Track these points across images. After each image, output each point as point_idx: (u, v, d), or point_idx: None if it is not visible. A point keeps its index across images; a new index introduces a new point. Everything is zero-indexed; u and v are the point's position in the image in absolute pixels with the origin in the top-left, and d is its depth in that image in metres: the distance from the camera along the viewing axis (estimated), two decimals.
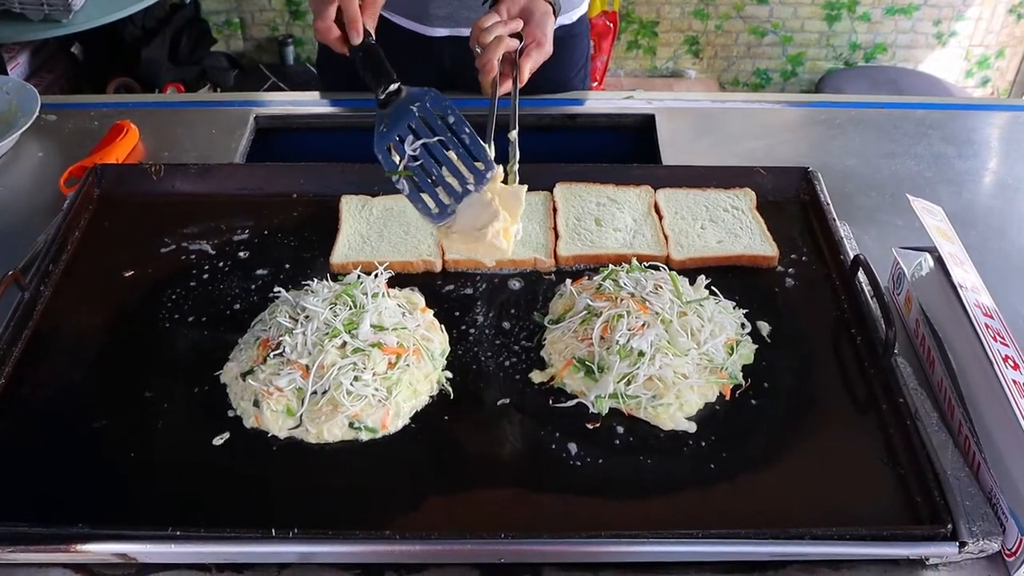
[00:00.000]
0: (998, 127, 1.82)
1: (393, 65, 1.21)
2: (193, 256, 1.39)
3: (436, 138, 1.18)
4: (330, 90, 1.86)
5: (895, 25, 4.21)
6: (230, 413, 1.16)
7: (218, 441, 1.13)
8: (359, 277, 1.26)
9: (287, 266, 1.38)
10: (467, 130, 1.17)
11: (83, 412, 1.16)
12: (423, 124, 1.19)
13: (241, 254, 1.40)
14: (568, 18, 1.83)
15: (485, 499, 1.07)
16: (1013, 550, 1.02)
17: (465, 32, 1.73)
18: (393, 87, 1.21)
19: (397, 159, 1.19)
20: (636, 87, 4.29)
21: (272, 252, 1.41)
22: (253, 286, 1.35)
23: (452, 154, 1.18)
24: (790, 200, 1.51)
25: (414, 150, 1.19)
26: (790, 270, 1.39)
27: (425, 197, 1.18)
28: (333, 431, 1.12)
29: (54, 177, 1.57)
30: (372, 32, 1.27)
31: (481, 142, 1.18)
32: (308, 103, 1.82)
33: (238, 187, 1.51)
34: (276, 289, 1.27)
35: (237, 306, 1.32)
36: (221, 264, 1.38)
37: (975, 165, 1.68)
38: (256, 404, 1.14)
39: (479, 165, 1.17)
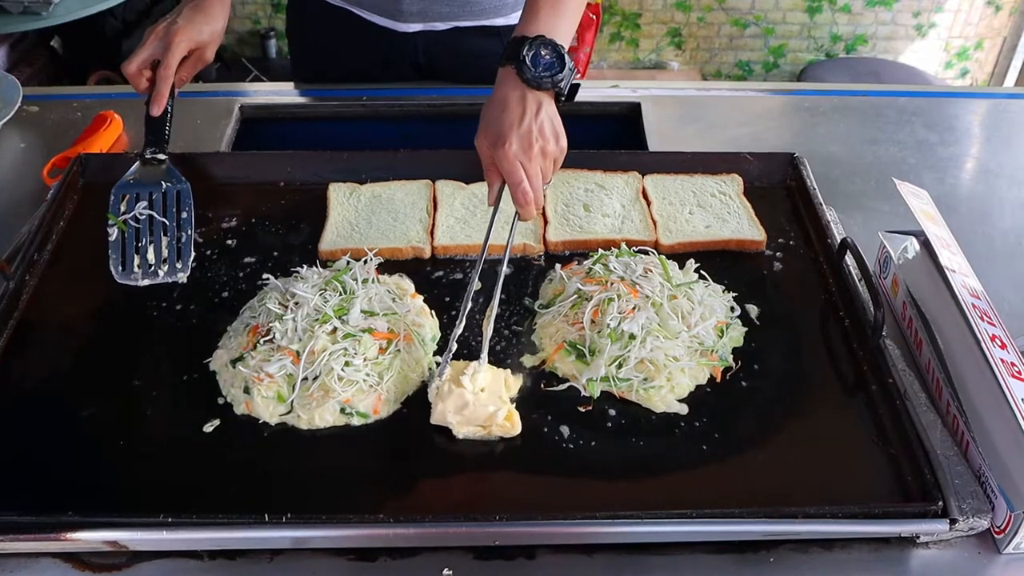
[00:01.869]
0: (979, 114, 1.83)
1: (367, 63, 1.23)
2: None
3: (163, 220, 1.36)
4: (303, 79, 1.86)
5: (875, 17, 4.23)
6: (220, 400, 1.16)
7: (208, 428, 1.12)
8: (348, 263, 1.26)
9: (275, 253, 1.38)
10: (189, 232, 1.36)
11: (71, 400, 1.15)
12: (161, 200, 1.37)
13: (229, 242, 1.39)
14: None
15: (478, 482, 1.07)
16: (1002, 527, 1.02)
17: (439, 26, 1.74)
18: (160, 156, 1.41)
19: (123, 208, 1.37)
20: (619, 79, 4.29)
21: (260, 240, 1.40)
22: (241, 273, 1.34)
23: (164, 240, 1.34)
24: (777, 186, 1.52)
25: (141, 213, 1.36)
26: (778, 254, 1.40)
27: (122, 254, 1.33)
28: (324, 417, 1.12)
29: (37, 168, 1.55)
30: (176, 93, 1.42)
31: (192, 251, 1.34)
32: (293, 93, 1.81)
33: (225, 176, 1.50)
34: (265, 276, 1.26)
35: (226, 293, 1.31)
36: (209, 252, 1.38)
37: (957, 152, 1.69)
38: (246, 391, 1.13)
39: (178, 264, 1.32)
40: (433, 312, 1.28)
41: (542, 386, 1.19)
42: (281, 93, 1.80)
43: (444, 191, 1.51)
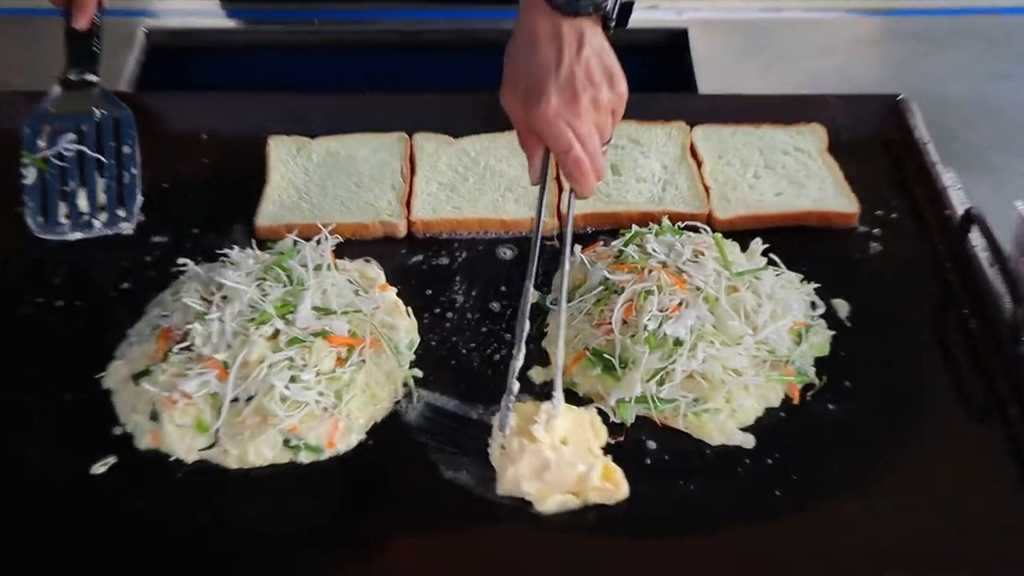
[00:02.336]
0: None
1: None
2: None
3: (97, 156, 1.35)
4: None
5: None
6: (116, 430, 1.15)
7: (99, 469, 1.11)
8: (295, 244, 1.25)
9: (195, 230, 1.37)
10: (133, 172, 1.35)
11: None
12: (95, 133, 1.37)
13: None
14: None
15: (471, 543, 1.06)
16: None
17: None
18: (90, 77, 1.40)
19: (43, 144, 1.35)
20: None
21: (175, 212, 1.40)
22: (148, 257, 1.34)
23: (101, 182, 1.35)
24: (873, 139, 1.51)
25: (67, 149, 1.35)
26: (875, 231, 1.39)
27: (42, 201, 1.34)
28: (262, 452, 1.12)
29: None
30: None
31: (138, 193, 1.35)
32: (218, 13, 1.81)
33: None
34: (181, 261, 1.26)
35: (126, 284, 1.31)
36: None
37: None
38: (154, 417, 1.13)
39: (119, 212, 1.34)
40: (410, 310, 1.27)
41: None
42: (202, 14, 1.80)
43: (425, 148, 1.50)
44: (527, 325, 1.13)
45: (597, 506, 1.08)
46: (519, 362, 1.11)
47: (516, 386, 1.11)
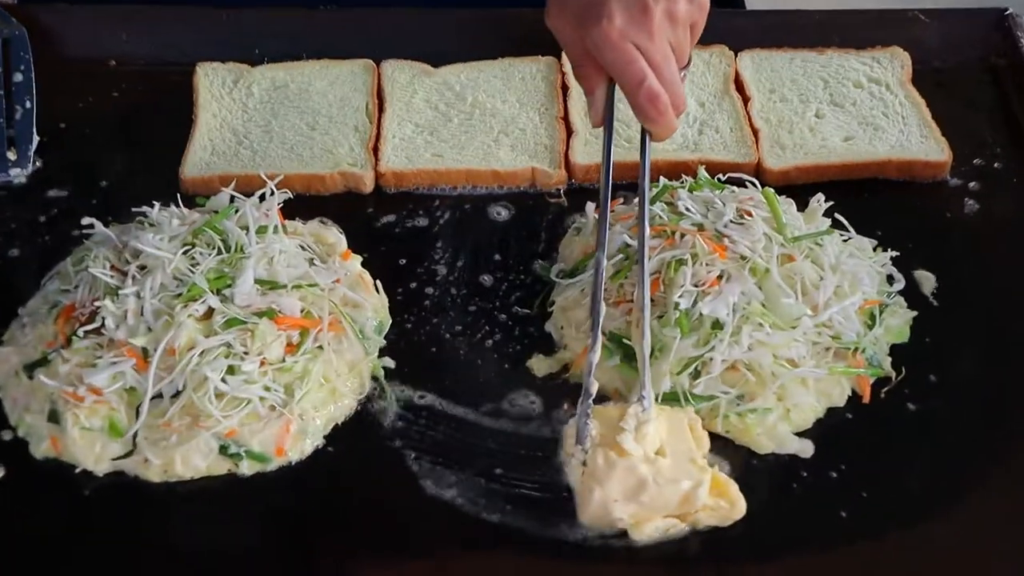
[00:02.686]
0: None
1: None
2: None
3: None
4: None
5: None
6: (5, 435, 1.15)
7: None
8: (232, 201, 1.25)
9: (103, 183, 1.38)
10: (28, 105, 1.37)
11: None
12: None
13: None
14: None
15: (453, 571, 1.07)
16: None
17: None
18: None
19: None
20: None
21: (76, 159, 1.40)
22: (43, 217, 1.34)
23: None
24: (971, 66, 1.52)
25: None
26: (972, 185, 1.39)
27: None
28: (192, 461, 1.11)
29: None
30: None
31: (34, 132, 1.37)
32: None
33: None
34: (86, 221, 1.25)
35: (15, 251, 1.31)
36: None
37: None
38: (53, 418, 1.13)
39: (10, 155, 1.36)
40: (379, 284, 1.27)
41: (565, 408, 1.18)
42: None
43: (396, 79, 1.51)
44: (603, 307, 1.14)
45: (619, 536, 1.08)
46: (596, 355, 1.12)
47: (595, 387, 1.11)
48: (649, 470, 1.07)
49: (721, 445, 1.15)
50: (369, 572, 1.07)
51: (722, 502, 1.08)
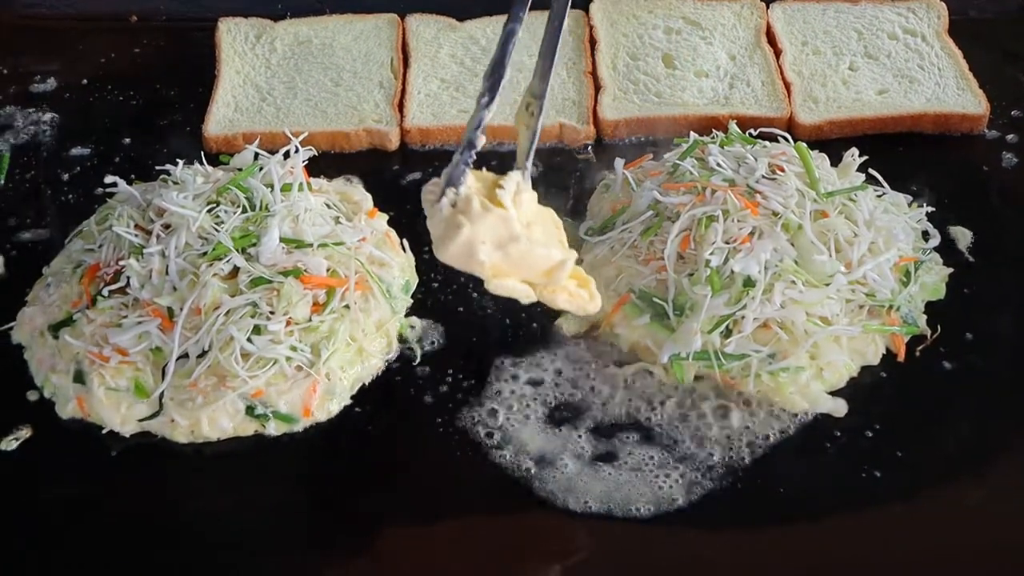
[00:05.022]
0: None
1: None
2: None
3: None
4: None
5: None
6: (31, 395, 1.16)
7: (9, 444, 1.12)
8: (257, 159, 1.24)
9: (126, 140, 1.38)
10: None
11: None
12: None
13: (42, 118, 1.40)
14: None
15: (481, 533, 1.07)
16: None
17: None
18: None
19: None
20: None
21: (99, 116, 1.41)
22: (67, 175, 1.34)
23: None
24: (1010, 17, 1.53)
25: None
26: (1010, 138, 1.38)
27: None
28: (218, 422, 1.12)
29: None
30: None
31: None
32: None
33: (34, 1, 1.52)
34: (109, 179, 1.24)
35: (36, 212, 1.31)
36: (7, 135, 1.39)
37: None
38: (79, 379, 1.13)
39: None
40: (406, 242, 1.27)
41: (592, 368, 1.18)
42: None
43: (421, 33, 1.51)
44: (507, 71, 1.07)
45: (646, 488, 1.08)
46: (489, 113, 1.07)
47: (481, 141, 1.07)
48: (521, 230, 1.05)
49: (753, 404, 1.15)
50: (397, 532, 1.07)
51: (583, 292, 1.08)
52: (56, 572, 1.04)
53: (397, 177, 1.34)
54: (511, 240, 1.02)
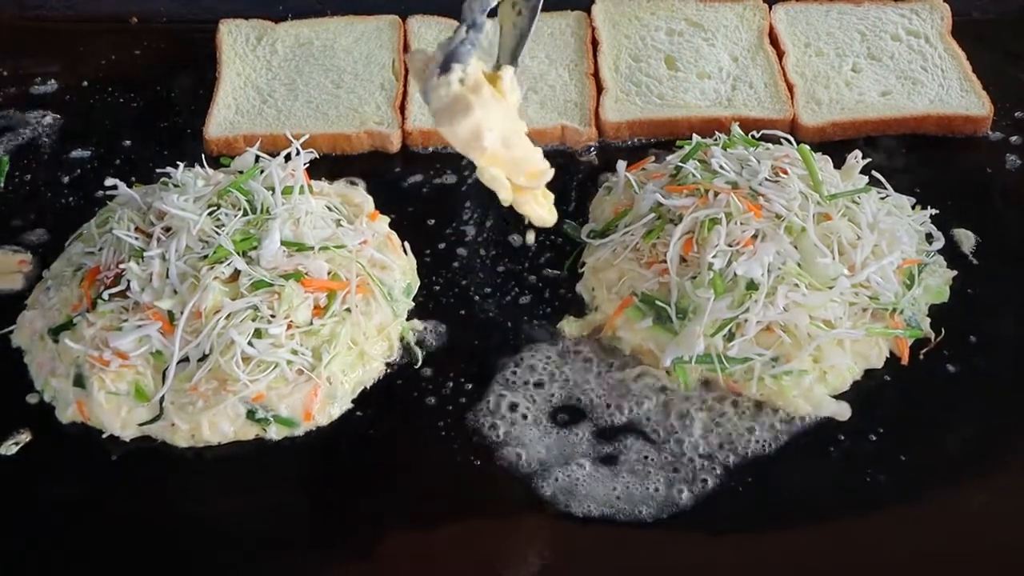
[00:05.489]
0: None
1: None
2: None
3: None
4: None
5: None
6: (31, 399, 1.16)
7: (9, 449, 1.12)
8: (258, 161, 1.24)
9: (127, 143, 1.38)
10: None
11: None
12: None
13: (43, 121, 1.40)
14: None
15: (483, 536, 1.07)
16: None
17: None
18: None
19: None
20: None
21: (99, 118, 1.41)
22: (67, 177, 1.34)
23: None
24: (1013, 18, 1.52)
25: None
26: (1013, 139, 1.38)
27: None
28: (219, 426, 1.11)
29: None
30: None
31: None
32: None
33: (32, 3, 1.52)
34: (109, 182, 1.24)
35: (36, 214, 1.31)
36: (6, 138, 1.38)
37: None
38: (79, 383, 1.12)
39: None
40: (407, 245, 1.26)
41: (595, 371, 1.17)
42: None
43: (423, 35, 1.51)
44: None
45: (651, 491, 1.08)
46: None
47: (486, 25, 1.05)
48: (518, 125, 1.05)
49: (756, 408, 1.15)
50: (399, 536, 1.07)
51: (548, 204, 1.09)
52: (55, 571, 1.04)
53: (398, 179, 1.34)
54: (516, 136, 1.03)
